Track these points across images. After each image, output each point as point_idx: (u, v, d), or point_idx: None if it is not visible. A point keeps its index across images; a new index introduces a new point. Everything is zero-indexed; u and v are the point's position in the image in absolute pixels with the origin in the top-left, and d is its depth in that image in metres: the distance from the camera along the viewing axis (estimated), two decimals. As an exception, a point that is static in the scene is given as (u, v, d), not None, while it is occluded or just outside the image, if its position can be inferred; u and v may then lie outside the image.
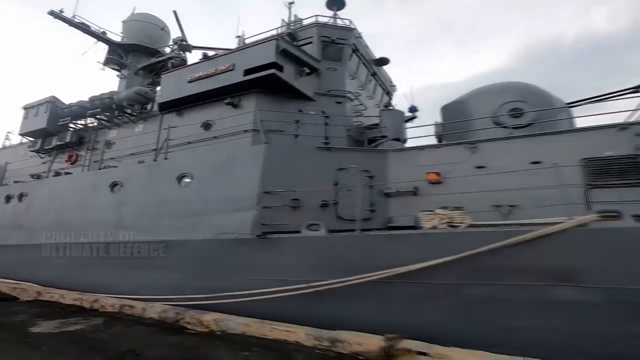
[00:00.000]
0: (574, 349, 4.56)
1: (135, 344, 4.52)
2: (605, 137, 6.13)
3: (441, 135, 8.50)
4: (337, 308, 5.81)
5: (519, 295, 4.92)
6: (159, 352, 4.32)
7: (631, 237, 4.47)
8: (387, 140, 9.31)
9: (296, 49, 9.01)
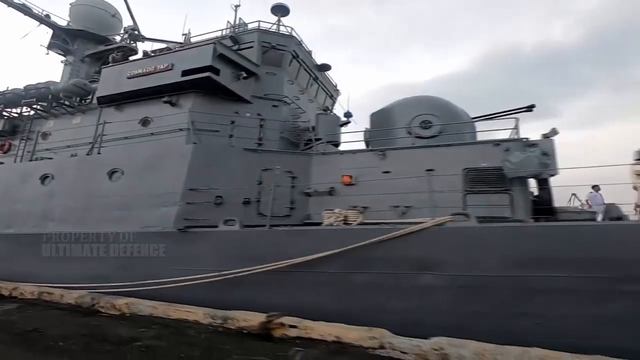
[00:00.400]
0: (431, 324, 5.53)
1: (42, 324, 4.94)
2: (483, 151, 7.26)
3: (368, 141, 9.43)
4: (248, 294, 6.49)
5: (392, 281, 5.87)
6: (62, 330, 4.78)
7: (471, 235, 5.55)
8: (322, 142, 10.10)
9: (234, 53, 9.52)
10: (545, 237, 5.31)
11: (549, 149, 6.96)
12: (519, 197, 6.72)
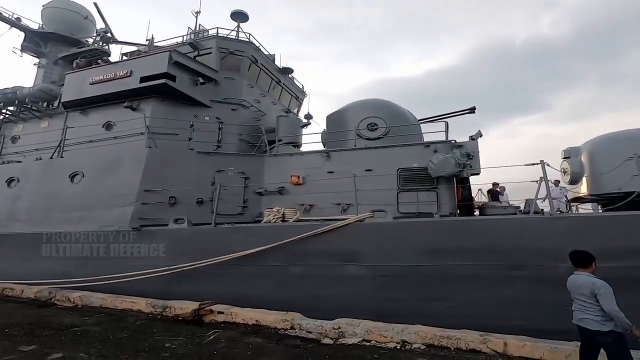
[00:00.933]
0: (358, 310, 6.18)
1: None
2: (416, 152, 7.91)
3: (324, 142, 10.03)
4: (196, 286, 7.08)
5: (324, 272, 6.51)
6: (10, 319, 5.32)
7: (387, 229, 6.22)
8: (282, 144, 10.66)
9: (190, 60, 9.99)
10: (448, 230, 6.00)
11: (473, 150, 7.66)
12: (445, 194, 7.40)
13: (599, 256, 5.15)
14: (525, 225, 5.75)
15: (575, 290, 3.64)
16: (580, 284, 3.58)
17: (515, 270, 5.72)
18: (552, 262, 5.52)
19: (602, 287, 3.38)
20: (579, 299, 3.57)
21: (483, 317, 5.78)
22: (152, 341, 4.51)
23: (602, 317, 3.32)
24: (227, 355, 4.09)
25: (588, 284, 3.48)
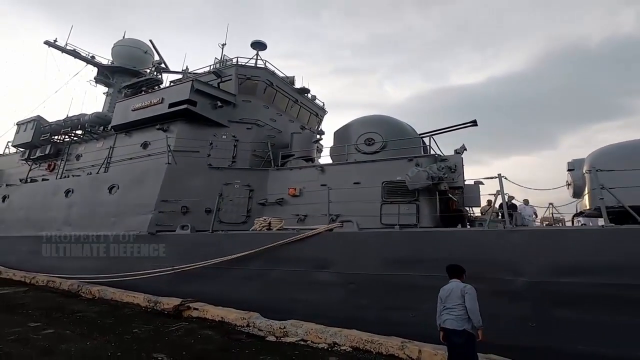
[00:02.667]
0: (329, 315, 6.61)
1: (30, 301, 6.89)
2: (400, 166, 8.18)
3: (332, 156, 10.69)
4: (195, 285, 8.04)
5: (299, 277, 7.04)
6: (39, 304, 6.69)
7: (353, 239, 6.58)
8: (295, 158, 11.53)
9: (209, 87, 11.38)
10: (407, 241, 6.20)
11: (456, 164, 7.76)
12: (425, 206, 7.56)
13: (551, 269, 5.13)
14: (480, 238, 5.77)
15: (445, 295, 4.08)
16: (452, 289, 4.05)
17: (473, 283, 5.73)
18: (507, 275, 5.50)
19: (470, 288, 3.92)
20: (448, 304, 4.00)
21: None
22: (127, 327, 5.52)
23: (461, 317, 3.61)
24: (175, 342, 4.89)
25: (459, 287, 3.99)
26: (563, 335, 5.26)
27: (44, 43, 19.21)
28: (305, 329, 5.13)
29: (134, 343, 4.85)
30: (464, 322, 3.81)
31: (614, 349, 4.96)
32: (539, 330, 5.40)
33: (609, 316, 5.04)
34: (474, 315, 3.76)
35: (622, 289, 4.89)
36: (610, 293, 4.99)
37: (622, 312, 4.95)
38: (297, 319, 6.35)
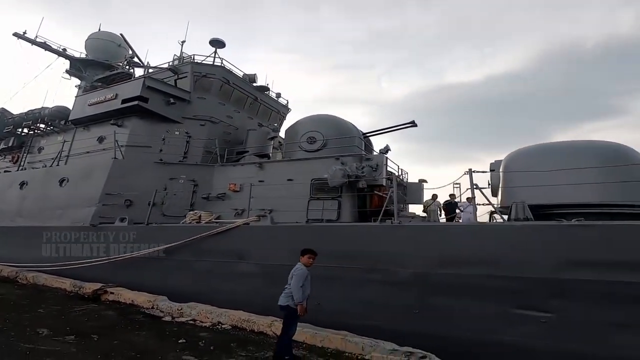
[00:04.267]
0: (249, 302, 6.97)
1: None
2: (329, 164, 8.60)
3: (283, 152, 11.11)
4: (133, 274, 8.43)
5: (223, 268, 7.48)
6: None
7: (266, 232, 7.03)
8: (250, 154, 11.90)
9: (162, 84, 11.69)
10: (316, 235, 6.66)
11: (378, 163, 8.22)
12: (347, 202, 8.01)
13: (428, 261, 5.60)
14: (373, 232, 6.25)
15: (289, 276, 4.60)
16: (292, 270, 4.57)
17: (369, 274, 6.22)
18: (396, 267, 5.98)
19: (298, 270, 4.50)
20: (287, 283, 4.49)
21: (346, 315, 6.33)
22: (36, 307, 5.94)
23: (287, 294, 4.30)
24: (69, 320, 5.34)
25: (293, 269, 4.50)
26: (441, 321, 5.76)
27: (13, 35, 19.25)
28: (199, 310, 5.59)
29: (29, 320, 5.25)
30: (288, 299, 4.39)
31: (483, 334, 5.48)
32: (421, 317, 5.89)
33: (478, 304, 5.55)
34: (294, 293, 4.32)
35: (484, 279, 5.39)
36: (480, 283, 5.50)
37: (488, 300, 5.46)
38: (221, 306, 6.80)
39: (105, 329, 5.03)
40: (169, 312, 5.84)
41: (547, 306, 5.21)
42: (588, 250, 4.86)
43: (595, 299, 4.92)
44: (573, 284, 4.98)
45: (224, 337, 5.01)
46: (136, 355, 4.09)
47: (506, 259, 5.31)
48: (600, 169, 5.79)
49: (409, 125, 11.12)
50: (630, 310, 4.78)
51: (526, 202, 5.71)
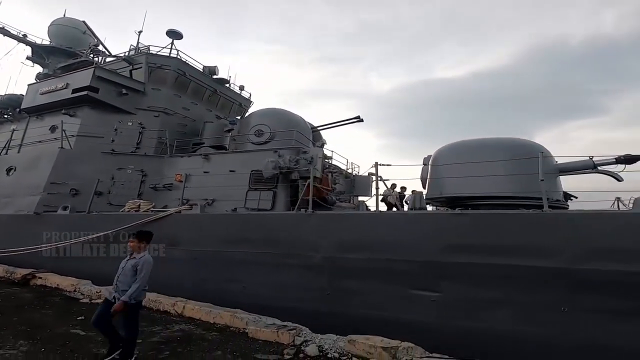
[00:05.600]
0: (181, 287, 7.35)
1: None
2: (267, 156, 8.99)
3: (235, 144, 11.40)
4: (75, 262, 8.66)
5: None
6: None
7: (197, 220, 7.41)
8: (205, 146, 12.14)
9: (113, 74, 11.77)
10: (240, 223, 7.08)
11: (313, 156, 8.65)
12: (282, 193, 8.45)
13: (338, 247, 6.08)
14: (291, 220, 6.72)
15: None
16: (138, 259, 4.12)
17: (287, 258, 6.69)
18: (310, 252, 6.47)
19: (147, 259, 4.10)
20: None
21: (269, 298, 6.80)
22: None
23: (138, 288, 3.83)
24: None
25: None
26: (350, 302, 6.29)
27: (-31, 20, 18.68)
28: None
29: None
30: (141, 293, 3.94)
31: (385, 313, 6.03)
32: (333, 298, 6.41)
33: (380, 285, 6.10)
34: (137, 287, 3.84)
35: (384, 263, 5.94)
36: (382, 267, 6.04)
37: (388, 282, 6.01)
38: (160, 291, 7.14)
39: (13, 308, 5.35)
40: (88, 294, 6.17)
41: (436, 286, 5.79)
42: (464, 236, 5.45)
43: (473, 279, 5.52)
44: (455, 266, 5.57)
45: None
46: (26, 330, 4.43)
47: (402, 245, 5.86)
48: (509, 163, 6.26)
49: (355, 120, 11.63)
50: (501, 288, 5.41)
51: (422, 193, 6.26)
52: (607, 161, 6.91)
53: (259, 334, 4.28)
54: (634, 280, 4.74)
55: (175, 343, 4.01)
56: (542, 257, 5.11)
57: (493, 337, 5.44)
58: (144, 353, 3.69)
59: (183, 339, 4.17)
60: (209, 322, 4.97)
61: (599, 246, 4.83)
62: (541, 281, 5.20)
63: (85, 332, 4.50)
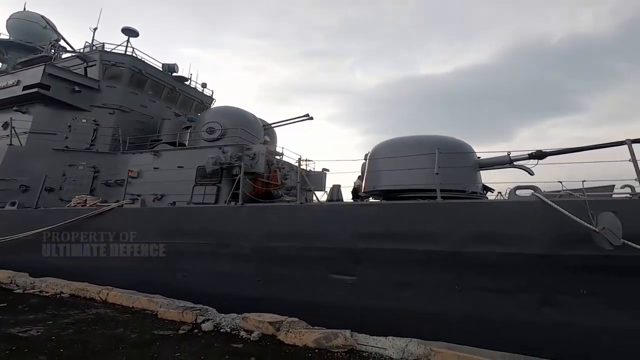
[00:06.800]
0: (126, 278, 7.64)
1: None
2: (214, 153, 9.41)
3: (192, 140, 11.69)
4: (24, 255, 8.85)
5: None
6: None
7: (137, 213, 7.79)
8: (163, 143, 12.37)
9: (65, 71, 11.85)
10: (178, 216, 7.51)
11: (255, 153, 9.12)
12: (225, 188, 8.88)
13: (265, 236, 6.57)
14: (224, 212, 7.20)
15: None
16: None
17: (221, 248, 7.17)
18: (240, 241, 6.96)
19: None
20: None
21: (207, 285, 7.25)
22: None
23: None
24: None
25: None
26: (278, 287, 6.83)
27: None
28: (47, 283, 6.34)
29: None
30: None
31: (309, 296, 6.59)
32: (263, 284, 6.93)
33: (304, 271, 6.66)
34: None
35: (306, 250, 6.50)
36: (304, 254, 6.59)
37: (311, 268, 6.57)
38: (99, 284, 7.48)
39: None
40: (23, 286, 6.49)
41: (352, 271, 6.39)
42: (371, 225, 6.06)
43: (382, 264, 6.14)
44: (366, 252, 6.18)
45: (50, 301, 5.74)
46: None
47: (321, 233, 6.43)
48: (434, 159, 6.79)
49: (305, 118, 12.15)
50: (405, 271, 6.05)
51: (340, 186, 6.85)
52: (522, 157, 7.67)
53: (167, 314, 4.74)
54: (509, 261, 5.45)
55: (85, 324, 4.41)
56: (437, 242, 5.77)
57: (400, 314, 6.10)
58: (49, 332, 4.05)
59: (94, 320, 4.57)
60: (129, 307, 5.39)
61: (479, 231, 5.51)
62: (438, 264, 5.86)
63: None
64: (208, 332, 4.17)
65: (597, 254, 4.82)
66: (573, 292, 5.34)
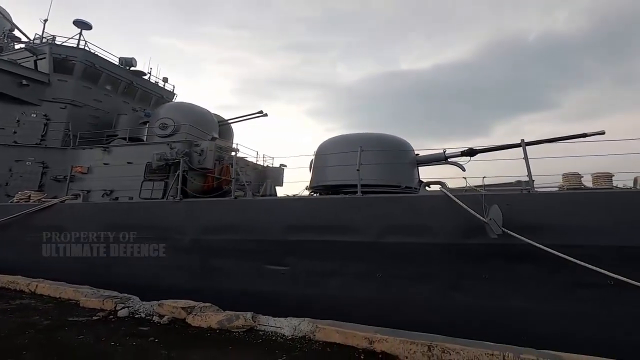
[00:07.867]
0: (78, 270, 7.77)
1: None
2: (162, 149, 9.54)
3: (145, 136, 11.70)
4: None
5: (51, 241, 8.18)
6: None
7: (77, 209, 7.91)
8: (119, 138, 12.28)
9: (10, 64, 11.57)
10: (120, 210, 7.71)
11: (204, 149, 9.33)
12: (173, 182, 9.07)
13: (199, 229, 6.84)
14: (166, 207, 7.47)
15: None
16: None
17: (163, 242, 7.43)
18: (180, 235, 7.24)
19: None
20: None
21: (150, 277, 7.49)
22: None
23: None
24: None
25: None
26: (217, 278, 7.17)
27: None
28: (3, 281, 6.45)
29: None
30: None
31: (247, 286, 6.98)
32: (202, 275, 7.26)
33: (241, 262, 7.02)
34: None
35: (242, 243, 6.86)
36: (240, 247, 6.95)
37: (247, 259, 6.95)
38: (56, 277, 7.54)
39: None
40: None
41: (285, 261, 6.82)
42: (300, 218, 6.49)
43: (310, 254, 6.59)
44: (296, 244, 6.60)
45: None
46: None
47: (255, 227, 6.80)
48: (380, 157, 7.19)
49: (258, 115, 12.42)
50: (332, 260, 6.53)
51: (272, 183, 7.23)
52: (455, 154, 8.26)
53: (88, 303, 5.00)
54: (421, 250, 6.01)
55: (3, 313, 4.60)
56: (358, 233, 6.26)
57: (328, 301, 6.58)
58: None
59: (15, 309, 4.78)
60: (55, 297, 5.61)
61: (394, 223, 6.04)
62: (360, 253, 6.36)
63: None
64: (122, 317, 4.47)
65: (488, 242, 5.42)
66: (476, 277, 5.97)
